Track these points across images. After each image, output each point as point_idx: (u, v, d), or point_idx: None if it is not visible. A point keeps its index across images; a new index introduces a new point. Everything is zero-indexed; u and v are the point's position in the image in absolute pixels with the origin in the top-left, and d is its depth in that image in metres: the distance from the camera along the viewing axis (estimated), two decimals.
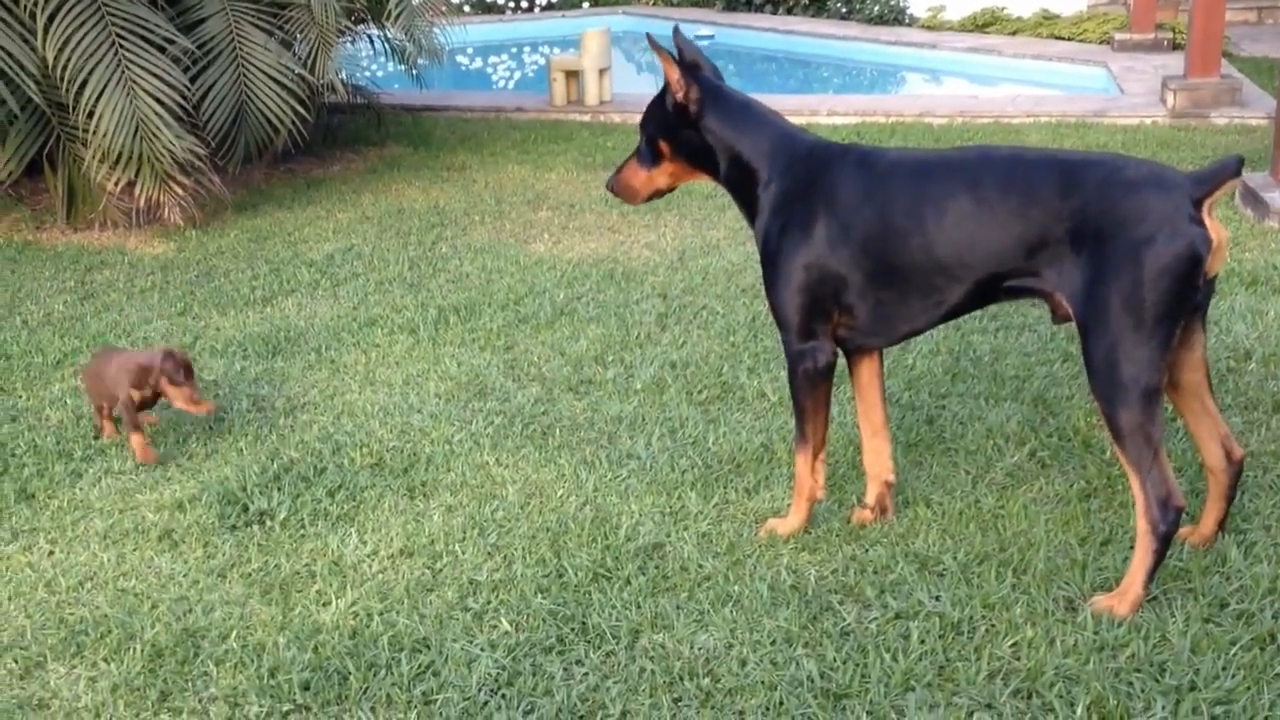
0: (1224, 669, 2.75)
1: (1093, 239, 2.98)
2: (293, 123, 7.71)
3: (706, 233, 6.83)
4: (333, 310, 5.72)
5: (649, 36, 3.58)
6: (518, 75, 16.69)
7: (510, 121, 10.94)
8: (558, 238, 6.97)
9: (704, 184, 3.59)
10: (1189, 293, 2.96)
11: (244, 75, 7.51)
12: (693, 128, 3.41)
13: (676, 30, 3.53)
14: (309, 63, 7.91)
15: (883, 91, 14.09)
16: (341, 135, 10.01)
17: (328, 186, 8.56)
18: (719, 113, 3.40)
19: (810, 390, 3.39)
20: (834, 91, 14.06)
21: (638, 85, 14.84)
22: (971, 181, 3.14)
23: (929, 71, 14.46)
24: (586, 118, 10.91)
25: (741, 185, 3.44)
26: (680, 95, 3.37)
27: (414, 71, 9.76)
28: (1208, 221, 2.94)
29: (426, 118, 11.07)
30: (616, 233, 7.00)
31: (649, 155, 3.53)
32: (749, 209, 3.45)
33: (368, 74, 11.61)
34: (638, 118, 3.57)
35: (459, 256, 6.61)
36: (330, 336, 5.34)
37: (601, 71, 11.17)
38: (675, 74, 3.37)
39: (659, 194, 3.61)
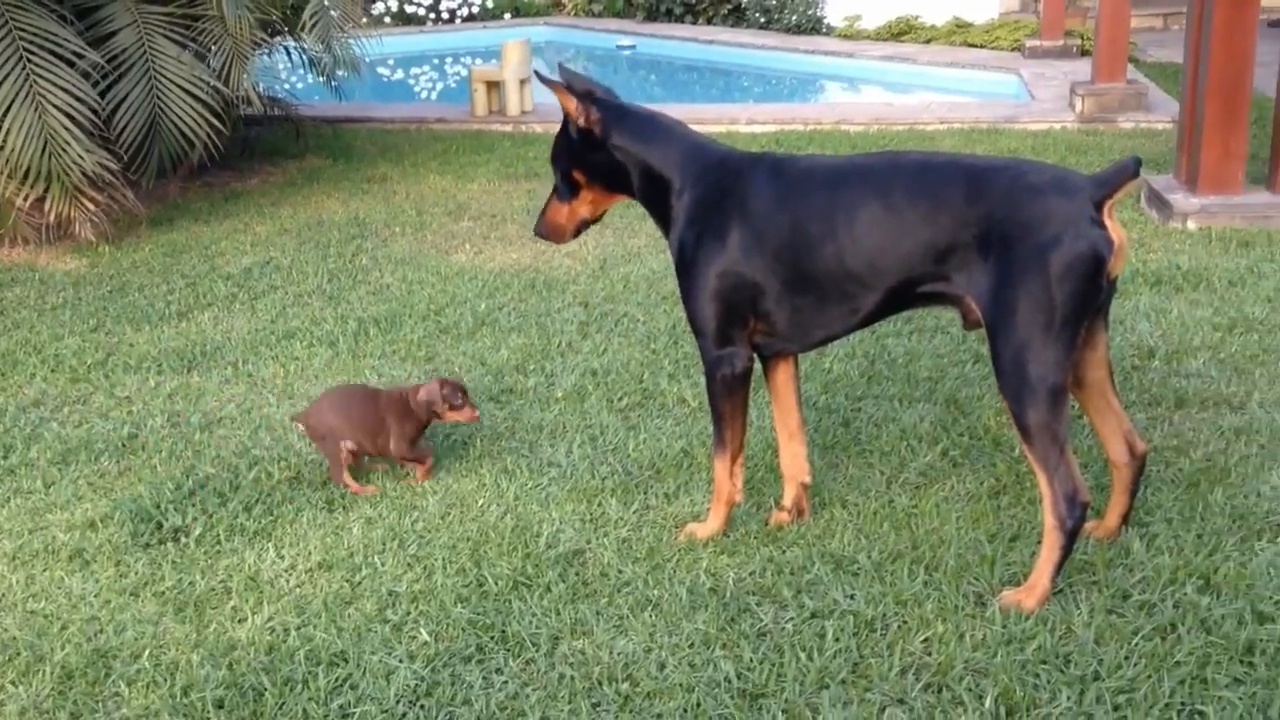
0: (1126, 658, 2.82)
1: (999, 243, 3.05)
2: (208, 136, 7.62)
3: (628, 241, 6.87)
4: (250, 324, 5.67)
5: (537, 73, 3.63)
6: (440, 86, 16.63)
7: (431, 132, 10.90)
8: (479, 248, 6.96)
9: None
10: (1093, 293, 3.04)
11: (157, 88, 7.40)
12: (601, 149, 3.43)
13: (561, 66, 3.53)
14: (223, 75, 7.83)
15: (801, 100, 14.26)
16: (259, 148, 9.91)
17: (245, 199, 8.47)
18: (624, 129, 3.42)
19: (727, 396, 3.42)
20: (754, 100, 14.19)
21: None
22: (881, 188, 3.20)
23: (846, 80, 14.65)
24: (508, 128, 10.90)
25: (655, 197, 3.46)
26: (582, 120, 3.39)
27: (333, 83, 9.69)
28: (1109, 223, 3.03)
29: (347, 129, 11.00)
30: (538, 242, 7.00)
31: (566, 189, 3.55)
32: (664, 221, 3.48)
33: (286, 86, 11.50)
34: (560, 126, 3.57)
35: (379, 268, 6.58)
36: (248, 350, 5.28)
37: (522, 82, 11.18)
38: (572, 101, 3.40)
39: (585, 226, 3.63)
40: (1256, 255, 5.94)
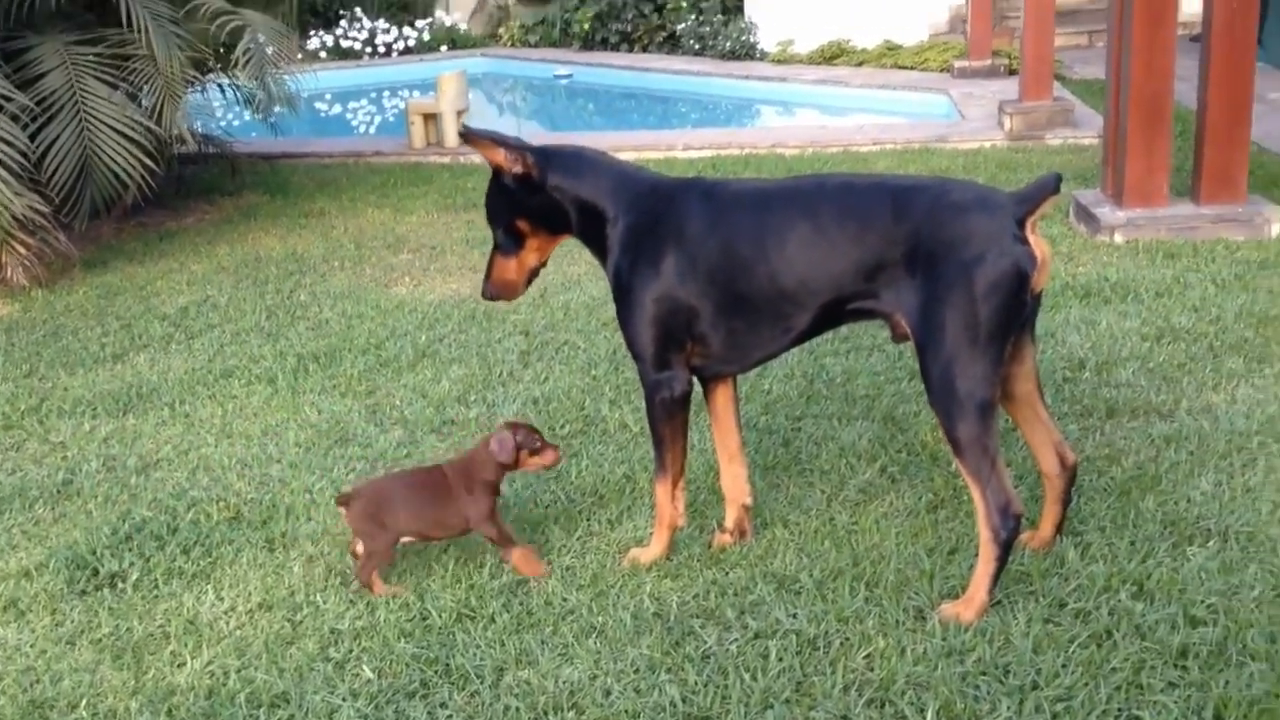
0: (1064, 666, 2.86)
1: (925, 261, 3.10)
2: (141, 176, 7.56)
3: (567, 268, 6.88)
4: (187, 364, 5.62)
5: (461, 131, 3.56)
6: (377, 120, 16.61)
7: (369, 166, 10.89)
8: (419, 280, 6.95)
9: None
10: (1018, 309, 3.10)
11: (88, 129, 7.35)
12: (541, 192, 3.43)
13: (467, 127, 3.51)
14: (156, 114, 7.77)
15: (737, 125, 14.38)
16: (195, 186, 9.85)
17: (181, 238, 8.41)
18: (557, 167, 3.44)
19: (668, 419, 3.45)
20: (691, 126, 14.30)
21: (496, 126, 14.90)
22: (810, 209, 3.25)
23: (781, 104, 14.81)
24: (446, 159, 10.90)
25: (592, 229, 3.47)
26: (518, 167, 3.39)
27: (269, 119, 9.65)
28: (1031, 239, 3.10)
29: (284, 165, 10.95)
30: (478, 272, 6.98)
31: (511, 243, 3.53)
32: (600, 251, 3.50)
33: (223, 123, 11.45)
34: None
35: (318, 303, 6.55)
36: (185, 390, 5.24)
37: (459, 113, 11.19)
38: (500, 152, 3.40)
39: (535, 274, 3.62)
40: (1182, 266, 6.07)
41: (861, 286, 3.21)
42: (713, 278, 3.30)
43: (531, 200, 3.45)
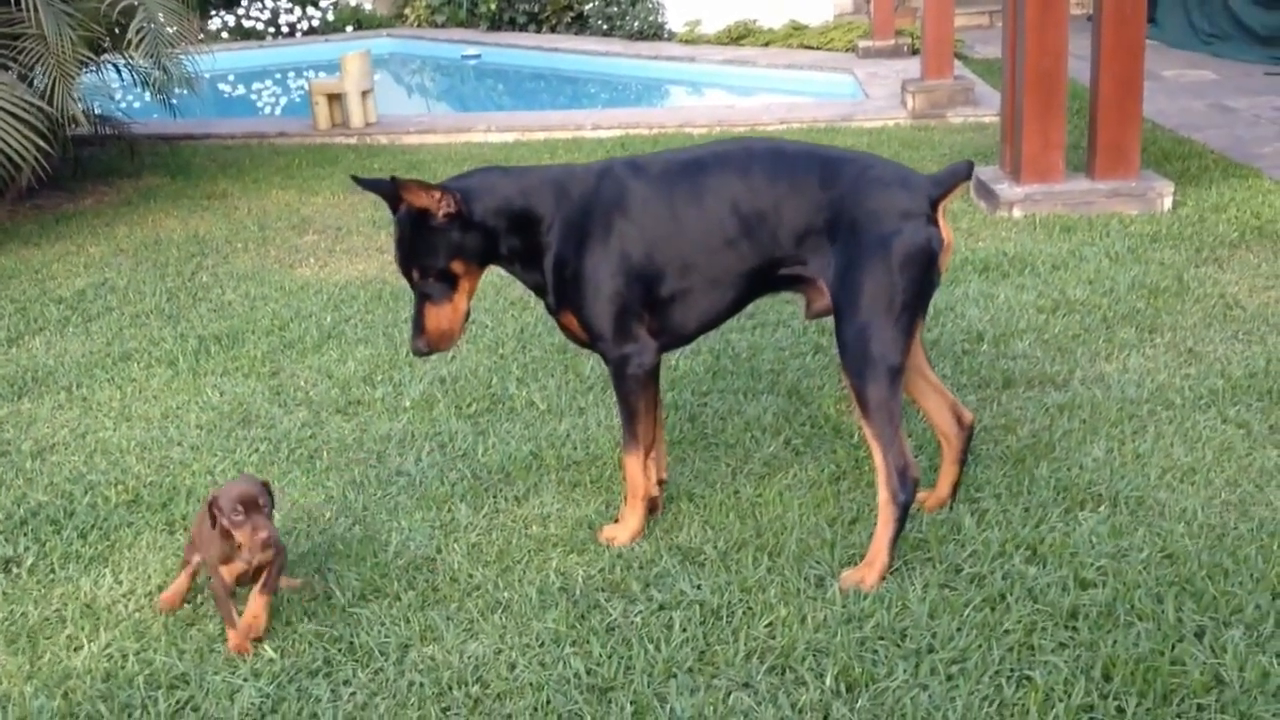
0: (959, 630, 2.94)
1: (846, 229, 3.21)
2: (35, 158, 7.35)
3: None
4: (85, 347, 5.49)
5: (354, 177, 3.42)
6: (283, 101, 16.31)
7: (273, 147, 10.70)
8: (324, 261, 6.87)
9: None
10: (928, 284, 3.23)
11: None
12: (471, 226, 3.30)
13: (357, 179, 3.39)
14: (48, 95, 7.56)
15: (647, 105, 14.38)
16: (92, 168, 9.60)
17: (78, 221, 8.20)
18: (479, 195, 3.33)
19: (641, 391, 3.44)
20: (601, 106, 14.27)
21: (402, 106, 14.75)
22: (743, 172, 3.33)
23: (689, 84, 14.84)
24: (352, 140, 10.76)
25: (525, 245, 3.39)
26: (448, 207, 3.25)
27: (169, 100, 9.44)
28: (941, 222, 3.24)
29: (185, 146, 10.72)
30: (385, 253, 6.94)
31: (443, 288, 3.32)
32: (530, 257, 3.40)
33: (122, 105, 11.17)
34: (405, 139, 3.47)
35: (221, 285, 6.43)
36: (82, 374, 5.12)
37: (365, 93, 11.04)
38: (429, 194, 3.23)
39: (468, 318, 3.45)
40: (1078, 240, 6.22)
41: (792, 250, 3.31)
42: (660, 245, 3.33)
43: (464, 238, 3.30)
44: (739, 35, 15.71)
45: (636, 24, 16.66)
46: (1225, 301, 5.20)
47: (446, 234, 3.28)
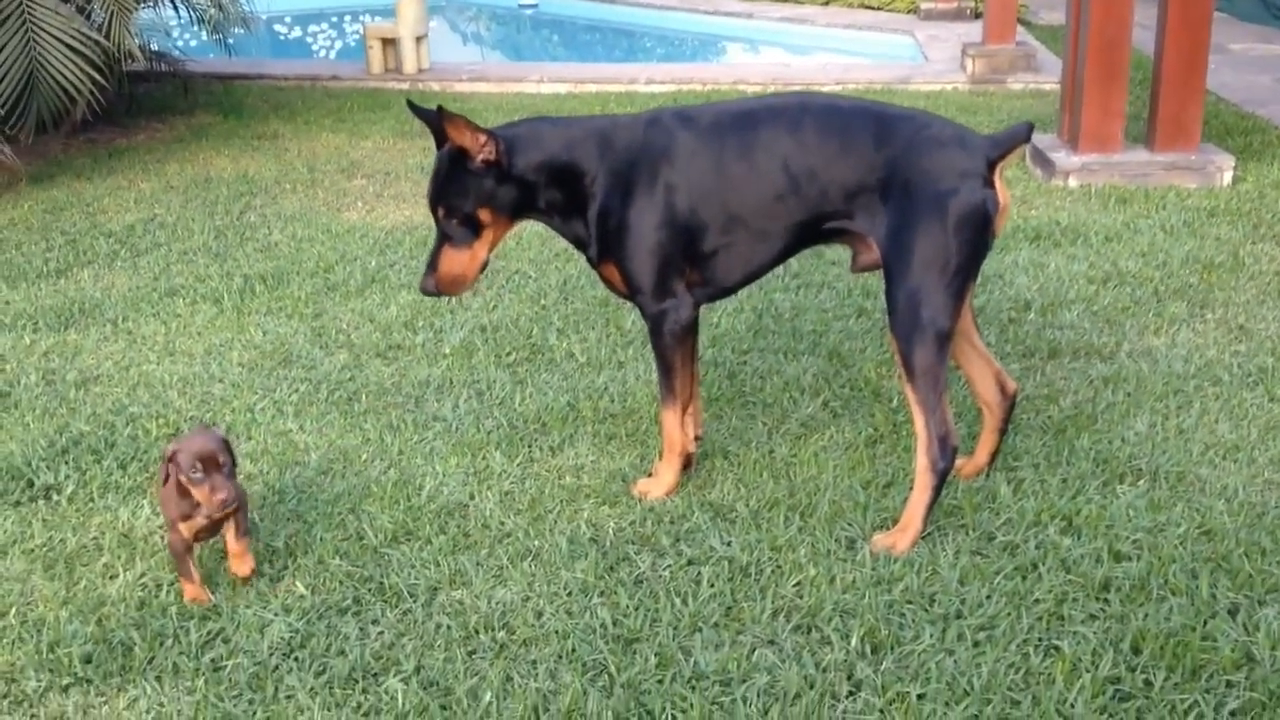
0: (988, 597, 2.91)
1: (900, 189, 3.16)
2: (90, 91, 7.41)
3: None
4: (131, 281, 5.55)
5: (409, 103, 3.33)
6: (338, 44, 16.34)
7: (326, 90, 10.72)
8: (371, 205, 6.88)
9: None
10: (982, 247, 3.17)
11: (34, 41, 7.18)
12: (508, 179, 3.26)
13: (412, 104, 3.31)
14: (105, 29, 7.60)
15: (702, 60, 14.27)
16: (146, 104, 9.66)
17: (130, 156, 8.26)
18: (523, 148, 3.28)
19: (678, 346, 3.40)
20: (656, 61, 14.17)
21: (456, 53, 14.72)
22: (794, 127, 3.27)
23: (745, 41, 14.70)
24: (404, 85, 10.75)
25: (567, 198, 3.34)
26: (489, 153, 3.21)
27: (225, 39, 9.48)
28: (998, 184, 3.17)
29: (238, 86, 10.76)
30: None
31: (466, 233, 3.28)
32: (573, 210, 3.36)
33: (178, 42, 11.22)
34: (457, 86, 3.43)
35: (268, 225, 6.47)
36: (128, 307, 5.17)
37: (419, 39, 11.02)
38: (479, 136, 3.18)
39: (485, 267, 3.39)
40: (1133, 212, 6.11)
41: (840, 206, 3.25)
42: (706, 198, 3.29)
43: (498, 187, 3.26)
44: None
45: None
46: None
47: (481, 180, 3.24)
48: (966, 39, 11.10)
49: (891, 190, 3.17)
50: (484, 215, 3.28)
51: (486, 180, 3.24)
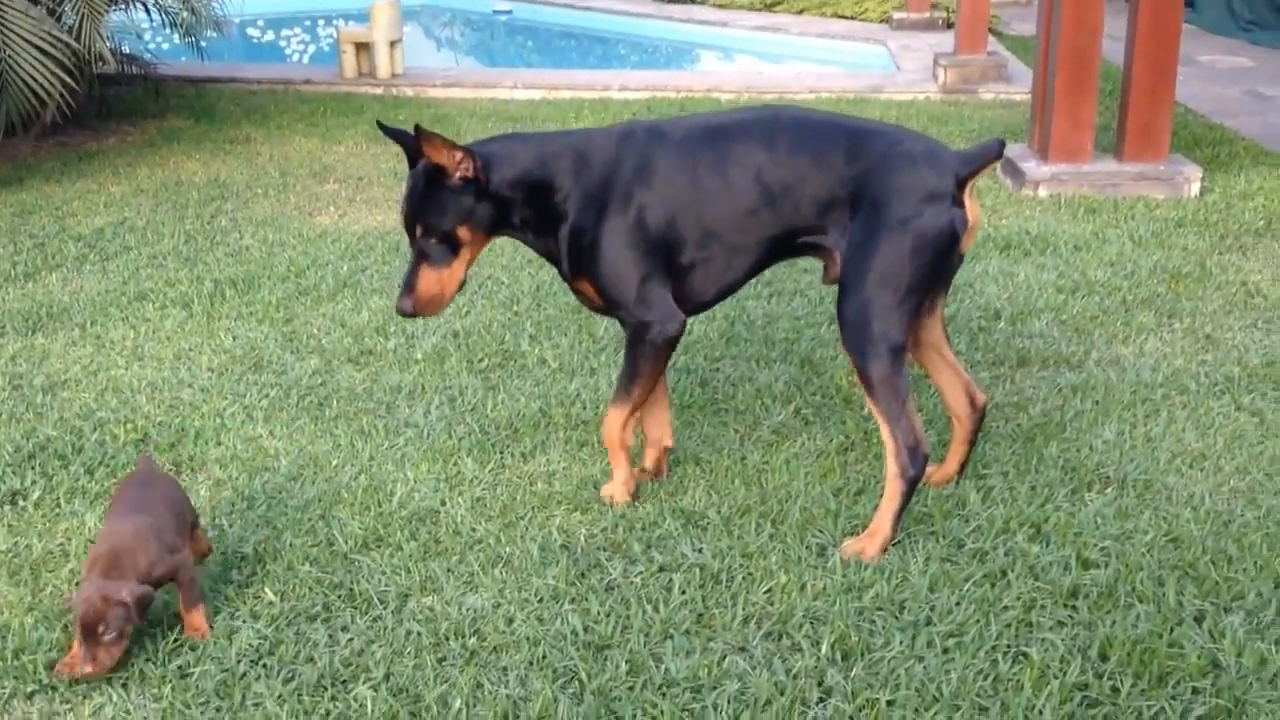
0: (958, 604, 2.93)
1: (869, 206, 3.16)
2: (60, 94, 7.36)
3: None
4: (101, 285, 5.51)
5: (380, 124, 3.32)
6: (311, 49, 16.27)
7: (299, 94, 10.68)
8: (344, 210, 6.86)
9: None
10: (944, 267, 3.20)
11: (4, 42, 7.12)
12: (486, 195, 3.23)
13: (382, 125, 3.31)
14: (76, 31, 7.55)
15: (676, 68, 14.30)
16: (117, 107, 9.60)
17: (101, 159, 8.20)
18: (502, 167, 3.25)
19: (658, 359, 3.35)
20: (631, 68, 14.19)
21: (430, 59, 14.69)
22: (767, 141, 3.27)
23: (720, 49, 14.75)
24: (378, 90, 10.73)
25: (540, 214, 3.32)
26: (467, 170, 3.17)
27: (197, 42, 9.42)
28: (967, 202, 3.17)
29: (210, 90, 10.70)
30: None
31: (444, 251, 3.23)
32: (548, 230, 3.33)
33: (149, 45, 11.15)
34: (431, 92, 3.42)
35: (239, 229, 6.44)
36: (96, 312, 5.13)
37: (393, 44, 10.99)
38: (450, 152, 3.15)
39: (463, 285, 3.34)
40: (1102, 221, 6.16)
41: (813, 220, 3.26)
42: (679, 215, 3.27)
43: (476, 204, 3.22)
44: (773, 2, 15.58)
45: None
46: (1247, 289, 5.15)
47: (459, 197, 3.20)
48: (938, 49, 11.17)
49: (860, 206, 3.18)
50: (463, 233, 3.23)
51: (465, 197, 3.20)
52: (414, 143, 3.16)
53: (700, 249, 3.31)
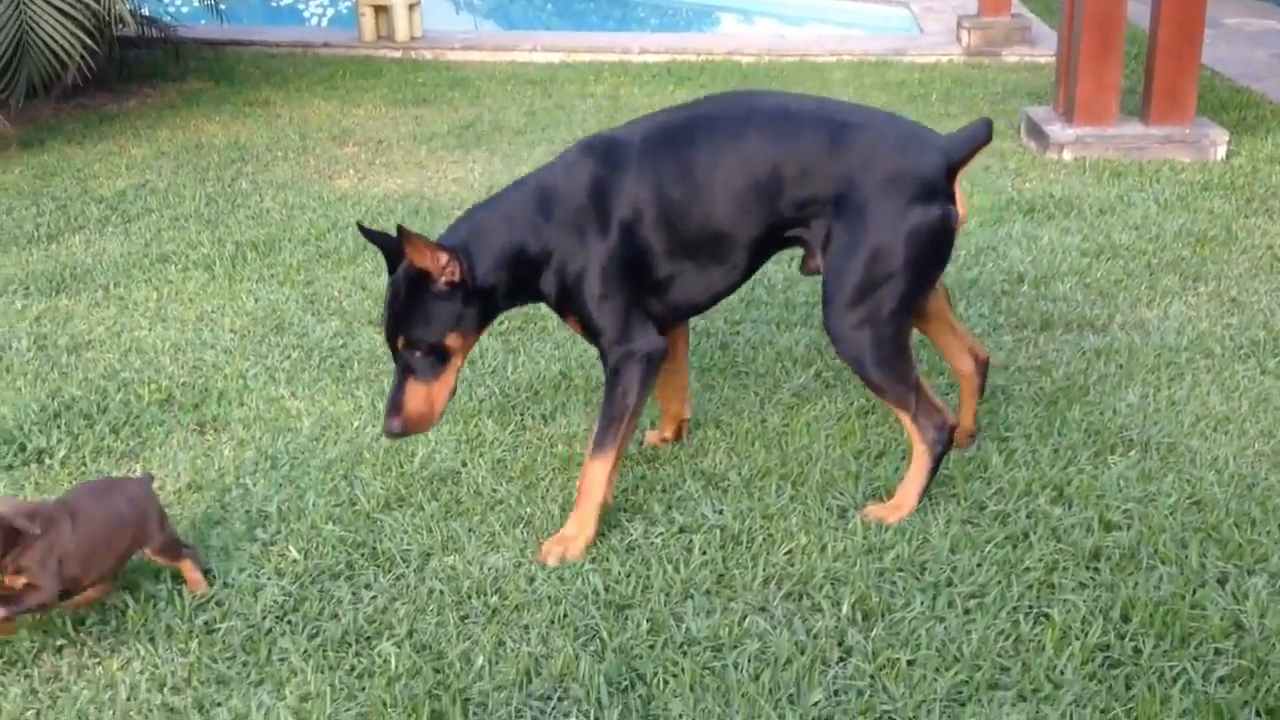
0: (979, 565, 2.93)
1: (854, 210, 3.02)
2: (81, 56, 7.36)
3: (515, 168, 6.80)
4: (123, 247, 5.52)
5: (360, 226, 3.10)
6: (330, 11, 16.20)
7: (318, 57, 10.65)
8: (364, 173, 6.86)
9: (513, 119, 3.51)
10: (938, 262, 3.11)
11: (24, 4, 7.12)
12: (474, 294, 3.00)
13: (362, 227, 3.09)
14: None
15: (697, 30, 14.20)
16: (137, 70, 9.59)
17: (121, 122, 8.21)
18: (482, 255, 3.02)
19: (641, 387, 3.10)
20: (651, 30, 14.10)
21: (449, 21, 14.62)
22: (735, 140, 3.08)
23: (740, 11, 14.63)
24: (397, 54, 10.68)
25: (524, 280, 3.11)
26: (453, 274, 2.95)
27: (216, 5, 9.41)
28: (956, 194, 3.07)
29: (230, 52, 10.68)
30: (424, 168, 6.93)
31: (430, 363, 2.99)
32: (534, 285, 3.13)
33: (169, 7, 11.13)
34: (450, 55, 3.28)
35: (259, 192, 6.44)
36: (120, 273, 5.15)
37: (411, 6, 10.93)
38: (434, 255, 2.90)
39: (454, 394, 3.14)
40: (1127, 185, 6.11)
41: (794, 215, 3.11)
42: (655, 228, 3.09)
43: (466, 306, 2.99)
44: None
45: None
46: (1273, 253, 5.10)
47: (445, 304, 2.96)
48: (962, 11, 11.05)
49: (845, 207, 3.02)
50: (452, 341, 3.00)
51: (452, 303, 2.97)
52: (396, 244, 2.93)
53: (677, 263, 3.13)
